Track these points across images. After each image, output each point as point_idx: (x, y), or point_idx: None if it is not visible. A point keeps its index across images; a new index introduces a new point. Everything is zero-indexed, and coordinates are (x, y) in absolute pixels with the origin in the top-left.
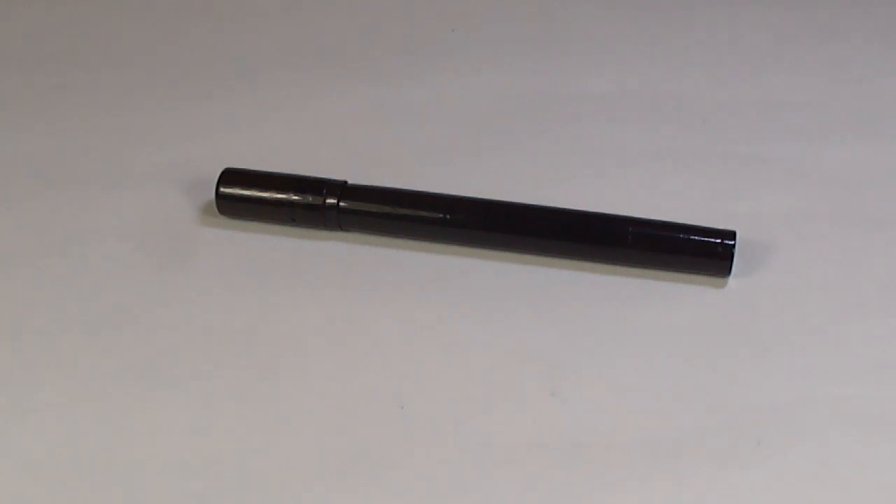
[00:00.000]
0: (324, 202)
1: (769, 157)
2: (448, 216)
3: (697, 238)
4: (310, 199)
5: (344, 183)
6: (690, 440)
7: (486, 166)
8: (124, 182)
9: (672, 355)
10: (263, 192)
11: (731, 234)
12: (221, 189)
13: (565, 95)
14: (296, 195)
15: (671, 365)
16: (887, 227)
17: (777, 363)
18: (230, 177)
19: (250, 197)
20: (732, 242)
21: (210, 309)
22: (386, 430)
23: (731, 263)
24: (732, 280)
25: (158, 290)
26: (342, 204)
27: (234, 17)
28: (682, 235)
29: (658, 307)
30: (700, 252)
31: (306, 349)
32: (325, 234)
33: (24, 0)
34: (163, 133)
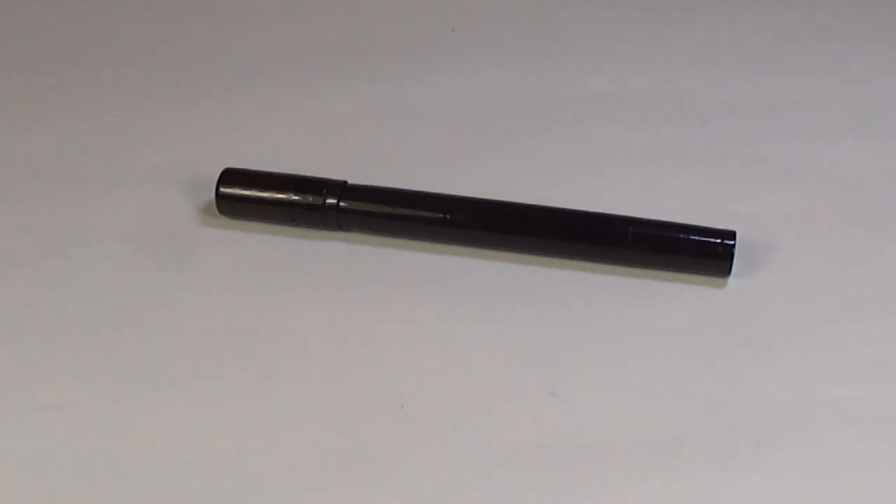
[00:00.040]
0: (324, 202)
1: (769, 157)
2: (448, 216)
3: (697, 238)
4: (310, 199)
5: (344, 183)
6: (690, 440)
7: (486, 166)
8: (124, 182)
9: (672, 355)
10: (263, 192)
11: (731, 234)
12: (221, 189)
13: (565, 95)
14: (296, 195)
15: (671, 365)
16: (887, 227)
17: (777, 363)
18: (230, 177)
19: (250, 197)
20: (732, 242)
21: (210, 309)
22: (386, 430)
23: (731, 263)
24: (732, 280)
25: (158, 290)
26: (342, 204)
27: (234, 17)
28: (682, 235)
29: (658, 307)
30: (700, 252)
31: (306, 349)
32: (325, 234)
33: (24, 0)
34: (163, 133)
